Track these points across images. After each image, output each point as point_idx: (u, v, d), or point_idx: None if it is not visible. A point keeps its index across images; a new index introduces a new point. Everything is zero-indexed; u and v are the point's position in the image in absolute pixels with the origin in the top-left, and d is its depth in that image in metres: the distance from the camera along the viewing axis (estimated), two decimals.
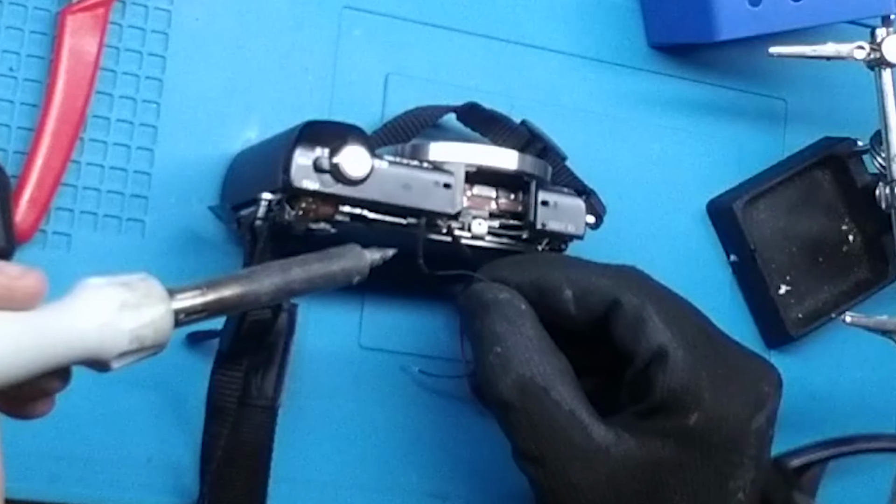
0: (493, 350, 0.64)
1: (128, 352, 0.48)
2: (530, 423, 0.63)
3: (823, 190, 0.86)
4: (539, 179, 0.69)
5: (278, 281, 0.54)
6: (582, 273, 0.67)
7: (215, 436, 0.67)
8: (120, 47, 0.71)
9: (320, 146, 0.63)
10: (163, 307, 0.49)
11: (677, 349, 0.64)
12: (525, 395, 0.63)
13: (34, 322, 0.46)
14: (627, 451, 0.63)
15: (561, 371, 0.64)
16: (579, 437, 0.63)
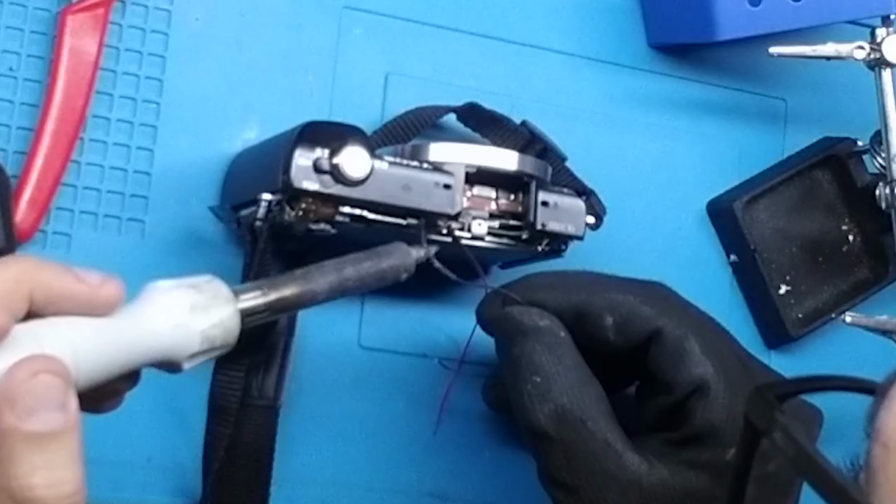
0: (531, 380, 0.64)
1: (199, 352, 0.50)
2: (566, 453, 0.63)
3: (823, 190, 0.86)
4: (539, 180, 0.69)
5: (333, 280, 0.55)
6: (623, 300, 0.66)
7: (217, 436, 0.67)
8: (120, 47, 0.71)
9: (320, 147, 0.63)
10: (230, 308, 0.51)
11: (718, 383, 0.64)
12: (562, 426, 0.63)
13: (113, 327, 0.48)
14: (660, 481, 0.63)
15: (597, 401, 0.64)
16: (613, 466, 0.63)
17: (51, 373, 0.44)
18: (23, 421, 0.44)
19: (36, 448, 0.44)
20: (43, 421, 0.44)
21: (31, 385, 0.44)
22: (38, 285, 0.46)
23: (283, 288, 0.53)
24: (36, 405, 0.44)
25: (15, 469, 0.44)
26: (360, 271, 0.56)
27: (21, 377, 0.44)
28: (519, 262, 0.73)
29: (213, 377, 0.67)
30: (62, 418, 0.44)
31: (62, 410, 0.45)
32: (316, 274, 0.54)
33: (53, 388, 0.44)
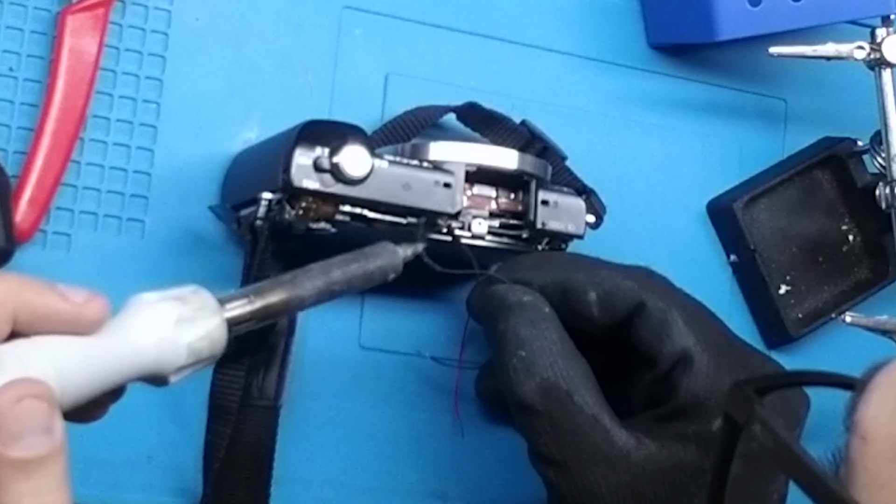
0: (516, 354, 0.64)
1: (185, 365, 0.49)
2: (553, 427, 0.63)
3: (823, 190, 0.86)
4: (539, 179, 0.69)
5: (320, 284, 0.54)
6: (606, 275, 0.67)
7: (217, 435, 0.67)
8: (120, 47, 0.71)
9: (320, 146, 0.63)
10: (217, 319, 0.50)
11: (702, 354, 0.64)
12: (548, 399, 0.63)
13: (98, 345, 0.47)
14: (648, 456, 0.63)
15: (583, 375, 0.64)
16: (601, 441, 0.63)
17: (35, 397, 0.44)
18: (7, 447, 0.43)
19: (22, 475, 0.43)
20: (28, 447, 0.43)
21: (15, 411, 0.43)
22: (22, 305, 0.46)
23: (270, 294, 0.52)
24: (21, 431, 0.43)
25: (1, 496, 0.43)
26: (348, 273, 0.55)
27: (5, 403, 0.43)
28: None
29: (213, 377, 0.67)
30: (48, 443, 0.44)
31: (48, 435, 0.44)
32: (303, 278, 0.54)
33: (38, 413, 0.44)
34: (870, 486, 0.45)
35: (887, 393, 0.46)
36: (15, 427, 0.43)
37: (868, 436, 0.46)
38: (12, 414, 0.43)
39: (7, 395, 0.43)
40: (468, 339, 0.74)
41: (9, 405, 0.43)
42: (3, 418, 0.43)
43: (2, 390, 0.44)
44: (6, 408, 0.43)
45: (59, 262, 0.69)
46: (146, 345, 0.48)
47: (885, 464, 0.45)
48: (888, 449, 0.45)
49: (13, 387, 0.44)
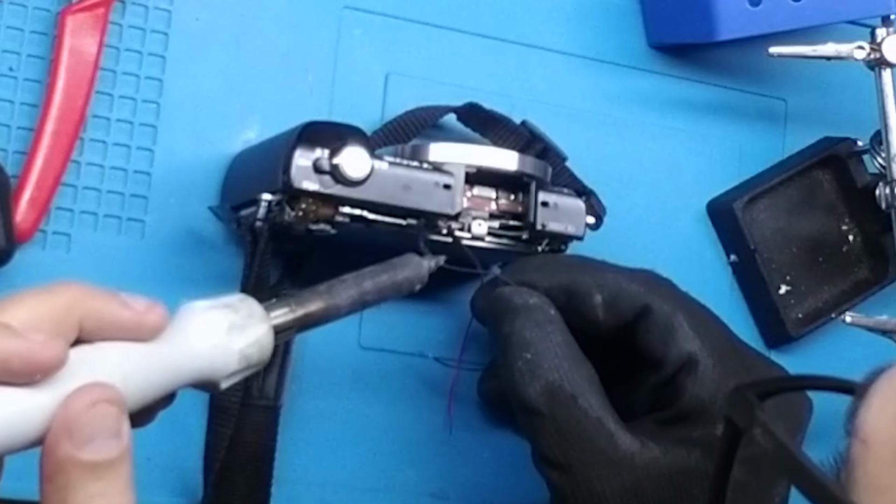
0: (521, 356, 0.64)
1: (236, 371, 0.50)
2: (557, 430, 0.63)
3: (823, 190, 0.86)
4: (539, 180, 0.69)
5: (354, 294, 0.55)
6: (611, 278, 0.67)
7: (218, 436, 0.67)
8: (120, 47, 0.71)
9: (320, 147, 0.63)
10: (265, 326, 0.51)
11: (707, 358, 0.64)
12: (553, 402, 0.63)
13: (157, 352, 0.48)
14: (652, 460, 0.63)
15: (588, 378, 0.64)
16: (606, 444, 0.63)
17: (107, 401, 0.45)
18: (80, 450, 0.44)
19: (93, 476, 0.44)
20: (100, 450, 0.44)
21: (89, 415, 0.44)
22: (88, 313, 0.47)
23: (310, 304, 0.53)
24: (93, 434, 0.44)
25: (73, 498, 0.44)
26: (378, 284, 0.56)
27: (79, 407, 0.44)
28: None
29: None
30: (117, 446, 0.45)
31: (117, 438, 0.45)
32: (339, 288, 0.55)
33: (109, 417, 0.45)
34: (870, 490, 0.45)
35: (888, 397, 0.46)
36: (88, 430, 0.44)
37: (869, 440, 0.46)
38: (86, 418, 0.44)
39: (81, 400, 0.44)
40: (468, 339, 0.74)
41: (83, 409, 0.44)
42: (77, 422, 0.44)
43: (76, 394, 0.44)
44: (80, 411, 0.44)
45: (59, 262, 0.69)
46: (201, 351, 0.49)
47: (886, 468, 0.45)
48: (889, 453, 0.45)
49: (87, 391, 0.45)
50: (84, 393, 0.44)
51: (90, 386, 0.45)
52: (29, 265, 0.69)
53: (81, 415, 0.44)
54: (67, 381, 0.45)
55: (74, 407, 0.44)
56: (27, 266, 0.68)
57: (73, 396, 0.44)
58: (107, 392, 0.45)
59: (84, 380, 0.45)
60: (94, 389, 0.45)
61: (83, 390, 0.45)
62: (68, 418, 0.44)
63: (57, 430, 0.44)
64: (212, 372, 0.49)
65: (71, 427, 0.44)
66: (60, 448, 0.44)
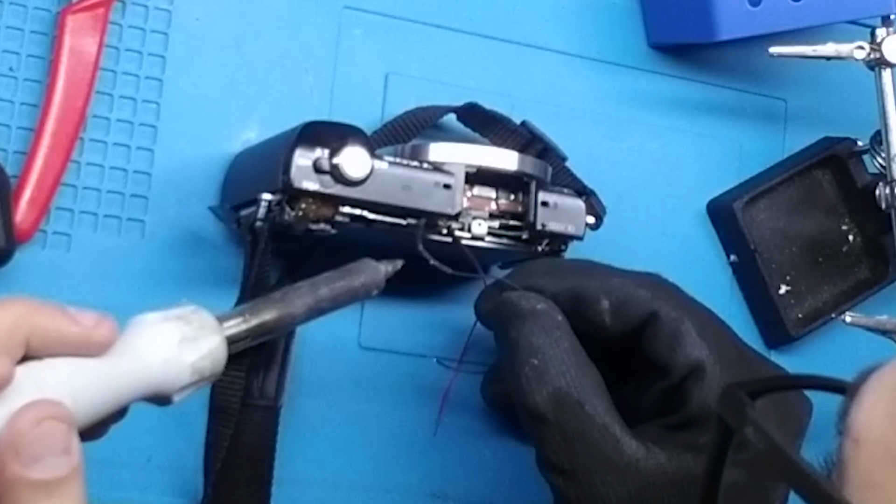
0: (528, 362, 0.64)
1: (188, 384, 0.50)
2: (563, 436, 0.63)
3: (823, 190, 0.86)
4: (539, 180, 0.69)
5: (310, 301, 0.55)
6: (619, 283, 0.67)
7: (218, 436, 0.67)
8: (120, 47, 0.71)
9: (320, 147, 0.63)
10: (218, 337, 0.51)
11: (714, 365, 0.64)
12: (559, 409, 0.63)
13: (107, 367, 0.48)
14: (658, 465, 0.63)
15: (595, 384, 0.64)
16: (611, 450, 0.63)
17: (54, 418, 0.44)
18: (28, 469, 0.44)
19: (43, 495, 0.44)
20: (48, 468, 0.44)
21: (35, 433, 0.44)
22: (34, 329, 0.46)
23: (264, 313, 0.53)
24: (41, 452, 0.44)
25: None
26: (334, 291, 0.56)
27: (25, 425, 0.44)
28: (519, 262, 0.73)
29: None
30: (67, 464, 0.45)
31: (66, 455, 0.45)
32: (293, 296, 0.54)
33: (58, 434, 0.44)
34: (863, 488, 0.45)
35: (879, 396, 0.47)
36: (36, 449, 0.44)
37: (860, 438, 0.46)
38: (33, 436, 0.44)
39: (27, 417, 0.44)
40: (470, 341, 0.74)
41: (29, 427, 0.44)
42: (24, 440, 0.44)
43: (21, 412, 0.44)
44: (26, 430, 0.44)
45: (59, 262, 0.69)
46: (152, 365, 0.49)
47: (878, 465, 0.45)
48: (880, 450, 0.45)
49: (32, 409, 0.44)
50: (30, 410, 0.44)
51: (36, 403, 0.44)
52: (29, 265, 0.68)
53: (28, 433, 0.44)
54: (14, 398, 0.44)
55: (20, 425, 0.44)
56: (27, 266, 0.68)
57: (19, 414, 0.44)
58: (54, 409, 0.45)
59: (31, 397, 0.44)
60: (41, 407, 0.44)
61: (29, 408, 0.44)
62: (14, 437, 0.44)
63: (3, 449, 0.44)
64: (163, 385, 0.49)
65: (18, 446, 0.44)
66: (8, 468, 0.44)
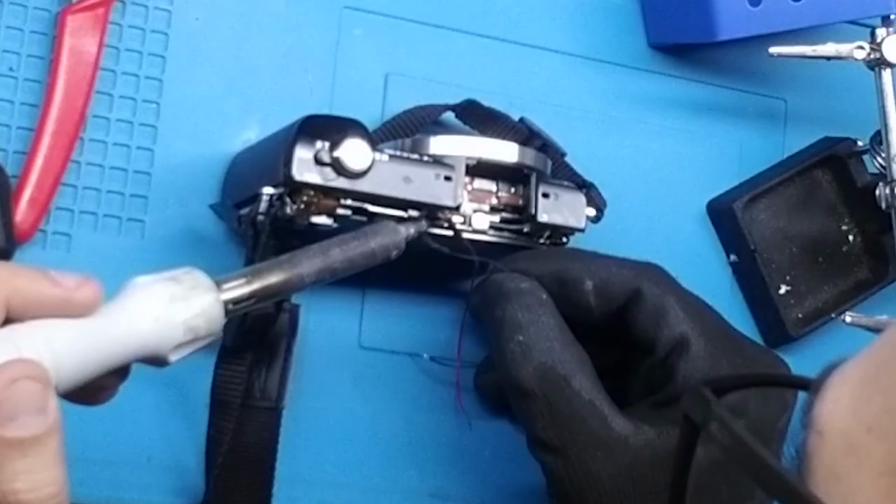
0: (514, 338, 0.64)
1: (183, 343, 0.50)
2: (550, 411, 0.64)
3: (823, 190, 0.86)
4: (539, 172, 0.69)
5: (319, 263, 0.55)
6: (602, 264, 0.67)
7: (220, 431, 0.67)
8: (120, 47, 0.72)
9: (321, 140, 0.63)
10: (211, 296, 0.50)
11: (699, 338, 0.65)
12: (546, 384, 0.64)
13: (92, 327, 0.48)
14: (647, 441, 0.63)
15: (581, 361, 0.65)
16: (599, 426, 0.63)
17: (29, 377, 0.45)
18: (3, 427, 0.44)
19: (18, 453, 0.44)
20: (23, 426, 0.44)
21: (10, 391, 0.44)
22: (14, 292, 0.47)
23: (269, 275, 0.53)
24: (16, 411, 0.44)
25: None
26: (347, 252, 0.56)
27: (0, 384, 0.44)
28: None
29: (215, 373, 0.67)
30: (43, 422, 0.45)
31: (42, 414, 0.45)
32: (302, 258, 0.55)
33: (33, 393, 0.45)
34: (826, 480, 0.45)
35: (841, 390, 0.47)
36: (10, 407, 0.44)
37: (824, 431, 0.46)
38: (7, 395, 0.44)
39: (1, 377, 0.44)
40: (467, 338, 0.74)
41: (4, 386, 0.44)
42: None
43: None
44: (1, 389, 0.44)
45: (59, 262, 0.69)
46: (142, 325, 0.49)
47: (841, 457, 0.45)
48: (843, 443, 0.45)
49: (7, 368, 0.45)
50: (5, 370, 0.44)
51: (11, 363, 0.45)
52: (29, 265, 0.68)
53: (2, 392, 0.44)
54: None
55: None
56: None
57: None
58: (28, 368, 0.45)
59: (8, 357, 0.45)
60: (15, 366, 0.45)
61: (4, 367, 0.45)
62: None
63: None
64: (157, 346, 0.49)
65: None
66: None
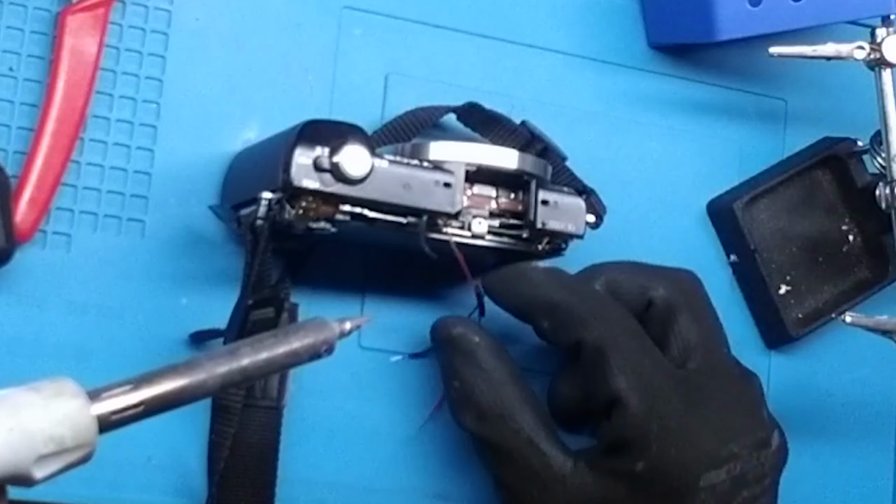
0: (452, 385, 0.68)
1: (46, 455, 0.45)
2: (493, 451, 0.67)
3: (823, 190, 0.86)
4: (539, 178, 0.69)
5: (224, 367, 0.49)
6: (561, 301, 0.68)
7: (221, 435, 0.67)
8: (120, 47, 0.71)
9: (320, 145, 0.63)
10: (76, 402, 0.45)
11: (631, 397, 0.65)
12: (483, 425, 0.67)
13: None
14: (582, 484, 0.65)
15: (521, 400, 0.67)
16: (537, 464, 0.66)
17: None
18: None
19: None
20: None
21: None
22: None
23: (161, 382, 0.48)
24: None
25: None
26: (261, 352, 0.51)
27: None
28: (520, 261, 0.73)
29: None
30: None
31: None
32: (204, 361, 0.49)
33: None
34: None
35: None
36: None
37: None
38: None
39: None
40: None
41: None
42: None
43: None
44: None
45: (59, 262, 0.69)
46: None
47: None
48: None
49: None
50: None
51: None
52: (29, 265, 0.69)
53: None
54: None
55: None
56: (27, 266, 0.68)
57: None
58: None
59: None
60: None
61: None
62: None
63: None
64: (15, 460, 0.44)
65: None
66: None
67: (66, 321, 0.69)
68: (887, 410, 0.89)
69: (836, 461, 0.64)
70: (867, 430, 0.87)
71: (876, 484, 0.87)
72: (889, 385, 0.89)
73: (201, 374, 0.49)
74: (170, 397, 0.48)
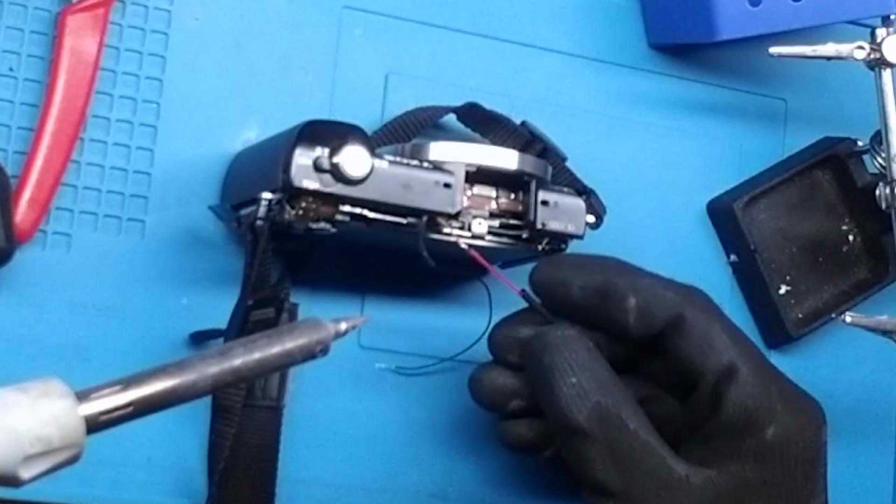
0: (567, 381, 0.63)
1: (33, 455, 0.44)
2: (611, 453, 0.62)
3: (823, 190, 0.86)
4: (539, 179, 0.69)
5: (215, 368, 0.49)
6: (647, 283, 0.66)
7: (221, 435, 0.67)
8: (120, 47, 0.71)
9: (320, 146, 0.63)
10: (64, 402, 0.45)
11: (746, 363, 0.63)
12: (605, 425, 0.62)
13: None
14: (707, 480, 0.62)
15: (632, 402, 0.63)
16: (659, 467, 0.62)
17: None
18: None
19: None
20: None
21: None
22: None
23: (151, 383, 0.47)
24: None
25: None
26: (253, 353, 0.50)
27: None
28: (519, 262, 0.73)
29: None
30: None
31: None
32: (195, 362, 0.49)
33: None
34: None
35: None
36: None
37: None
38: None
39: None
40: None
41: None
42: None
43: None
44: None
45: (59, 262, 0.69)
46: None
47: None
48: None
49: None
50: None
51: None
52: (29, 265, 0.69)
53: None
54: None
55: None
56: (27, 266, 0.68)
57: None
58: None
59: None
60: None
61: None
62: None
63: None
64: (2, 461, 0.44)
65: None
66: None
67: (66, 321, 0.69)
68: (887, 410, 0.89)
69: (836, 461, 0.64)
70: (867, 430, 0.88)
71: (876, 484, 0.87)
72: (889, 385, 0.89)
73: (192, 374, 0.48)
74: (159, 398, 0.47)
